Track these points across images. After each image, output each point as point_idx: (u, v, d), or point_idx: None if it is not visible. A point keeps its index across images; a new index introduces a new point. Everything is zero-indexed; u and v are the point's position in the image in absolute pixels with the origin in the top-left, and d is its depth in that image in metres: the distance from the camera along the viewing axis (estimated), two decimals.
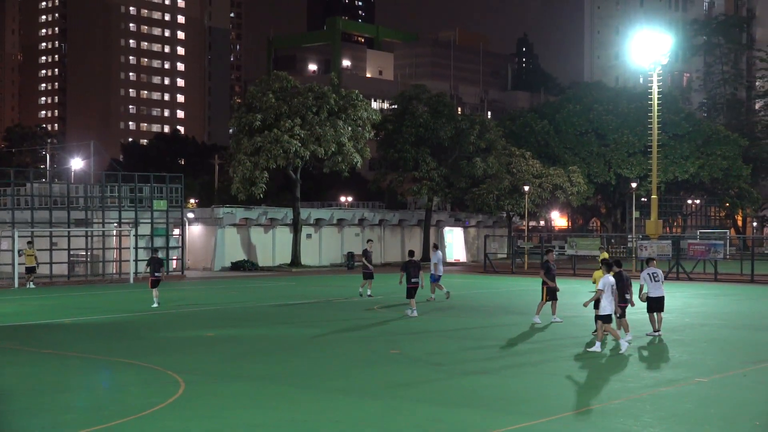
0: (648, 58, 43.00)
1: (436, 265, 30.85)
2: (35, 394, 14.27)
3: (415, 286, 25.57)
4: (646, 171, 70.33)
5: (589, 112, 79.07)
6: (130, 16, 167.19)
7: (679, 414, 12.78)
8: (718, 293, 36.38)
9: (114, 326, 23.66)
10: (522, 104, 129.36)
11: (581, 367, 17.11)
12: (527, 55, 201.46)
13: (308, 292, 35.99)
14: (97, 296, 34.36)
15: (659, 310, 21.28)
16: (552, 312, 24.26)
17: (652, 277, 21.28)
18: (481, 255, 66.48)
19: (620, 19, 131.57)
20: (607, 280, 18.91)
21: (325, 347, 19.55)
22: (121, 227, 46.67)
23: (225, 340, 20.75)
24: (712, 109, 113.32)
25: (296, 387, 14.74)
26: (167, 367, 16.40)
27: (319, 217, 60.36)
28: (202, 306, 29.82)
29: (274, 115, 52.98)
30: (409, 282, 25.62)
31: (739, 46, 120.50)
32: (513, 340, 20.59)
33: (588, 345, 19.28)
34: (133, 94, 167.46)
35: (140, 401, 13.56)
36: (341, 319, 25.13)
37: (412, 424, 12.11)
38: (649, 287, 21.16)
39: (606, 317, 18.75)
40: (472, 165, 61.58)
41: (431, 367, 16.77)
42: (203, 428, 11.94)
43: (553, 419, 12.37)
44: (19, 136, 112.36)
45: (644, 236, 51.63)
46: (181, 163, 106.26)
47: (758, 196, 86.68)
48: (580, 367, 17.11)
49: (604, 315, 18.75)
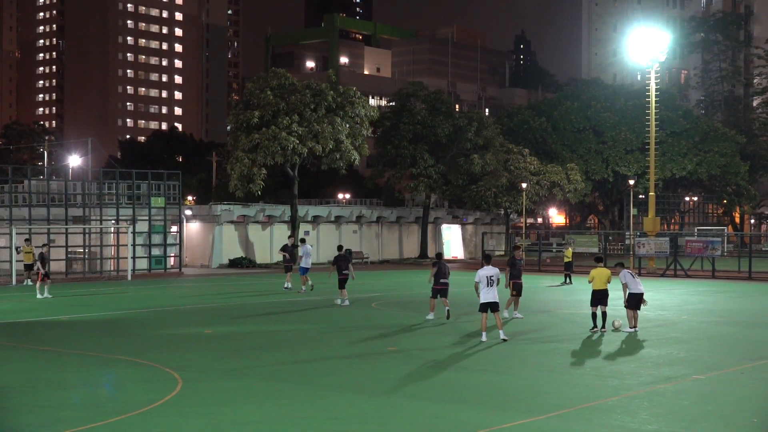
0: (646, 55, 43.04)
1: (302, 258, 33.42)
2: (33, 391, 14.27)
3: (345, 278, 27.88)
4: (643, 168, 70.41)
5: (586, 110, 79.10)
6: (127, 13, 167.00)
7: (676, 411, 12.80)
8: (716, 290, 36.40)
9: (111, 323, 23.66)
10: (520, 101, 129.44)
11: (578, 364, 17.13)
12: (525, 52, 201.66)
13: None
14: (95, 293, 34.34)
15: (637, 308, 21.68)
16: (514, 308, 24.69)
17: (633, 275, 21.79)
18: (478, 252, 66.48)
19: (618, 16, 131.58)
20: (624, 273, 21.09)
21: (323, 344, 19.56)
22: (119, 224, 46.64)
23: (222, 337, 20.75)
24: (710, 106, 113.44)
25: (294, 384, 14.75)
26: (165, 364, 16.41)
27: (316, 214, 60.34)
28: (199, 303, 29.81)
29: (271, 112, 52.93)
30: (340, 274, 27.89)
31: (736, 43, 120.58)
32: (510, 337, 20.60)
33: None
34: (130, 91, 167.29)
35: (138, 398, 13.56)
36: (338, 316, 25.13)
37: (409, 421, 12.11)
38: (632, 285, 21.45)
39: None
40: (470, 162, 61.57)
41: (428, 363, 16.78)
42: (201, 425, 11.95)
43: (550, 416, 12.39)
44: (16, 133, 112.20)
45: (642, 233, 51.67)
46: (179, 160, 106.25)
47: (756, 194, 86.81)
48: (577, 364, 17.13)
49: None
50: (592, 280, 21.50)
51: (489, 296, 19.41)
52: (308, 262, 33.49)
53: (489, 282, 19.36)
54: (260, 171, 52.15)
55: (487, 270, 19.50)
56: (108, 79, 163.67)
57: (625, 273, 21.57)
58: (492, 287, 19.46)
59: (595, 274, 21.45)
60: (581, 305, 27.03)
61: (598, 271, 21.49)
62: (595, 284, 21.33)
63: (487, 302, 19.44)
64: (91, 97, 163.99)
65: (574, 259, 51.76)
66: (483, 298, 19.47)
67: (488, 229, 71.14)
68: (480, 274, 19.49)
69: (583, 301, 28.52)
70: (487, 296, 19.40)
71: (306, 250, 33.89)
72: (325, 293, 32.31)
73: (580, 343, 19.70)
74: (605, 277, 21.38)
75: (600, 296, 21.30)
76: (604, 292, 21.30)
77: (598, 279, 21.32)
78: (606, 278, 21.38)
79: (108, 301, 30.99)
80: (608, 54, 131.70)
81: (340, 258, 28.36)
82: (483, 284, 19.42)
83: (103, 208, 46.90)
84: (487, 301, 19.43)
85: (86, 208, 46.78)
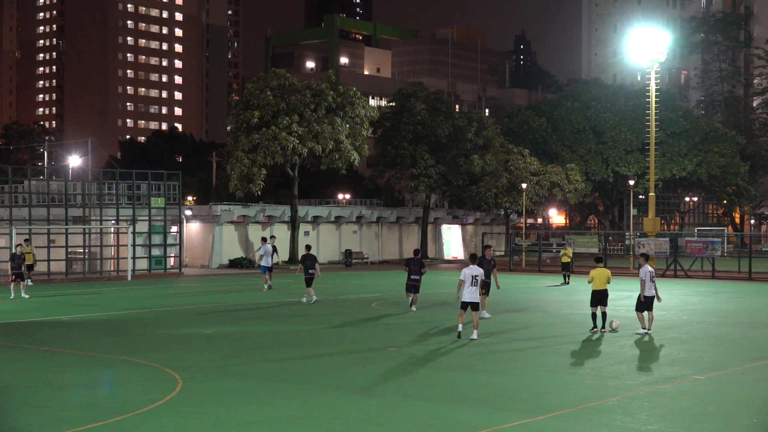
0: (646, 55, 43.00)
1: (262, 257, 34.87)
2: (33, 391, 14.27)
3: (311, 277, 28.91)
4: (643, 168, 70.40)
5: (586, 110, 79.11)
6: (127, 13, 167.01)
7: (676, 411, 12.79)
8: (716, 290, 36.40)
9: (111, 323, 23.65)
10: (520, 101, 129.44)
11: (578, 364, 17.13)
12: (525, 52, 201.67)
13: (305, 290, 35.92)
14: (95, 293, 34.34)
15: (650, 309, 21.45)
16: (482, 306, 24.60)
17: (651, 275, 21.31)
18: (478, 252, 66.47)
19: (618, 16, 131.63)
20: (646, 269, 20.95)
21: (323, 344, 19.55)
22: (119, 224, 46.64)
23: (222, 337, 20.75)
24: (710, 106, 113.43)
25: (294, 384, 14.74)
26: (165, 365, 16.40)
27: (316, 214, 60.34)
28: (199, 303, 29.80)
29: (271, 113, 52.95)
30: (307, 273, 28.97)
31: (736, 44, 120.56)
32: (510, 337, 20.60)
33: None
34: (130, 92, 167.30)
35: (138, 398, 13.55)
36: (338, 316, 25.12)
37: (409, 421, 12.11)
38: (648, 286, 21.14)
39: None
40: (470, 162, 61.58)
41: (429, 364, 16.78)
42: (201, 425, 11.94)
43: (550, 416, 12.38)
44: (16, 133, 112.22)
45: (642, 234, 51.67)
46: (179, 160, 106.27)
47: (756, 194, 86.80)
48: (577, 364, 17.13)
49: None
50: (591, 280, 21.45)
51: (471, 295, 19.53)
52: (269, 261, 34.78)
53: (473, 281, 19.44)
54: (260, 171, 52.16)
55: (473, 269, 19.58)
56: (108, 79, 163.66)
57: (647, 270, 21.13)
58: (475, 287, 19.53)
59: (595, 274, 21.40)
60: (581, 305, 27.03)
61: (597, 272, 21.44)
62: (594, 284, 21.28)
63: (469, 301, 19.55)
64: (91, 97, 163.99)
65: (575, 259, 51.92)
66: (465, 297, 19.58)
67: (488, 229, 71.14)
68: (465, 273, 19.54)
69: (583, 301, 28.52)
70: (469, 295, 19.51)
71: (266, 249, 35.00)
72: (328, 293, 32.30)
73: (580, 343, 19.70)
74: (605, 278, 21.33)
75: (600, 296, 21.26)
76: (603, 292, 21.26)
77: (598, 279, 21.28)
78: (606, 278, 21.33)
79: (108, 301, 30.98)
80: (608, 54, 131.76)
81: (306, 258, 29.25)
82: (467, 283, 19.47)
83: (103, 208, 46.90)
84: (469, 300, 19.55)
85: (86, 208, 46.78)
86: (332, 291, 35.28)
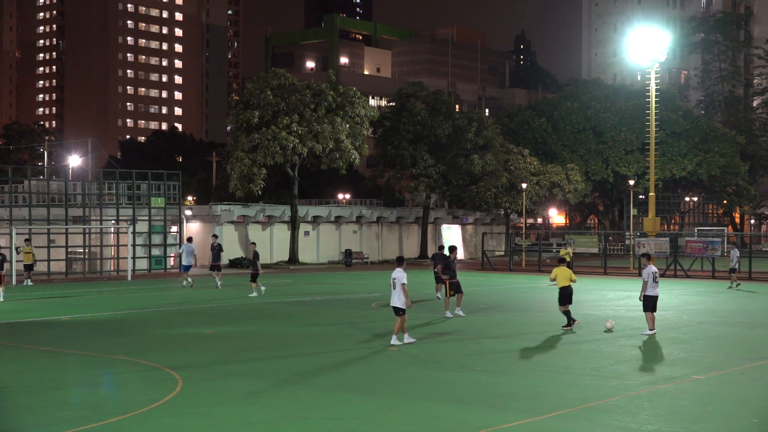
0: (646, 55, 42.97)
1: (181, 255, 36.22)
2: (32, 391, 14.27)
3: (256, 272, 31.64)
4: (643, 168, 70.43)
5: (586, 110, 79.13)
6: (127, 13, 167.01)
7: (676, 411, 12.79)
8: (716, 290, 36.40)
9: (111, 323, 23.65)
10: (520, 101, 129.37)
11: (578, 364, 17.12)
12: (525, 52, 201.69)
13: (305, 290, 36.00)
14: (95, 293, 34.34)
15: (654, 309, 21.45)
16: (457, 304, 25.34)
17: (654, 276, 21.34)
18: (478, 252, 66.50)
19: (618, 16, 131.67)
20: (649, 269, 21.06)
21: (322, 344, 19.55)
22: (119, 224, 46.64)
23: (223, 337, 20.75)
24: (710, 106, 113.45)
25: (294, 384, 14.74)
26: (165, 364, 16.40)
27: (316, 214, 60.34)
28: (199, 303, 29.80)
29: (271, 112, 52.95)
30: (254, 269, 31.64)
31: (736, 44, 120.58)
32: (510, 338, 20.60)
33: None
34: (130, 92, 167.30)
35: (138, 398, 13.55)
36: (338, 316, 25.13)
37: (409, 421, 12.10)
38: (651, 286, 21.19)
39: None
40: (470, 162, 61.58)
41: (428, 364, 16.78)
42: (201, 425, 11.94)
43: (550, 416, 12.38)
44: (16, 133, 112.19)
45: (642, 233, 51.66)
46: (179, 160, 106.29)
47: (756, 194, 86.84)
48: (577, 364, 17.12)
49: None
50: (555, 278, 22.23)
51: (392, 299, 18.95)
52: (189, 261, 35.84)
53: (392, 284, 18.85)
54: (260, 171, 52.15)
55: (394, 272, 19.01)
56: (108, 79, 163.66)
57: (650, 271, 21.16)
58: (395, 290, 18.76)
59: (558, 272, 22.17)
60: (581, 305, 27.04)
61: (560, 270, 22.17)
62: (559, 282, 22.11)
63: (391, 305, 19.10)
64: (91, 97, 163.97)
65: (575, 259, 51.89)
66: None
67: (488, 229, 71.15)
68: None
69: (582, 301, 28.56)
70: (391, 299, 18.99)
71: (187, 248, 36.13)
72: (328, 293, 32.30)
73: (580, 343, 19.69)
74: (568, 276, 22.09)
75: (568, 294, 22.07)
76: (569, 289, 22.08)
77: (561, 276, 22.07)
78: (568, 276, 22.08)
79: (108, 301, 30.98)
80: (608, 54, 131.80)
81: (255, 256, 32.13)
82: (391, 286, 19.01)
83: (103, 208, 46.91)
84: (390, 304, 19.12)
85: (86, 208, 46.79)
86: (332, 291, 35.29)
